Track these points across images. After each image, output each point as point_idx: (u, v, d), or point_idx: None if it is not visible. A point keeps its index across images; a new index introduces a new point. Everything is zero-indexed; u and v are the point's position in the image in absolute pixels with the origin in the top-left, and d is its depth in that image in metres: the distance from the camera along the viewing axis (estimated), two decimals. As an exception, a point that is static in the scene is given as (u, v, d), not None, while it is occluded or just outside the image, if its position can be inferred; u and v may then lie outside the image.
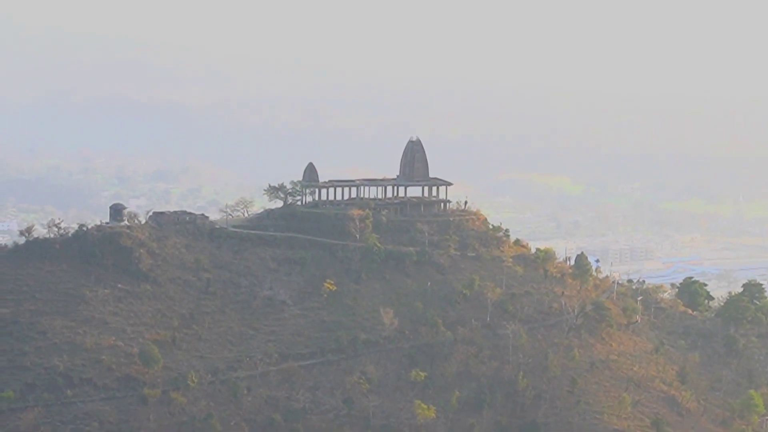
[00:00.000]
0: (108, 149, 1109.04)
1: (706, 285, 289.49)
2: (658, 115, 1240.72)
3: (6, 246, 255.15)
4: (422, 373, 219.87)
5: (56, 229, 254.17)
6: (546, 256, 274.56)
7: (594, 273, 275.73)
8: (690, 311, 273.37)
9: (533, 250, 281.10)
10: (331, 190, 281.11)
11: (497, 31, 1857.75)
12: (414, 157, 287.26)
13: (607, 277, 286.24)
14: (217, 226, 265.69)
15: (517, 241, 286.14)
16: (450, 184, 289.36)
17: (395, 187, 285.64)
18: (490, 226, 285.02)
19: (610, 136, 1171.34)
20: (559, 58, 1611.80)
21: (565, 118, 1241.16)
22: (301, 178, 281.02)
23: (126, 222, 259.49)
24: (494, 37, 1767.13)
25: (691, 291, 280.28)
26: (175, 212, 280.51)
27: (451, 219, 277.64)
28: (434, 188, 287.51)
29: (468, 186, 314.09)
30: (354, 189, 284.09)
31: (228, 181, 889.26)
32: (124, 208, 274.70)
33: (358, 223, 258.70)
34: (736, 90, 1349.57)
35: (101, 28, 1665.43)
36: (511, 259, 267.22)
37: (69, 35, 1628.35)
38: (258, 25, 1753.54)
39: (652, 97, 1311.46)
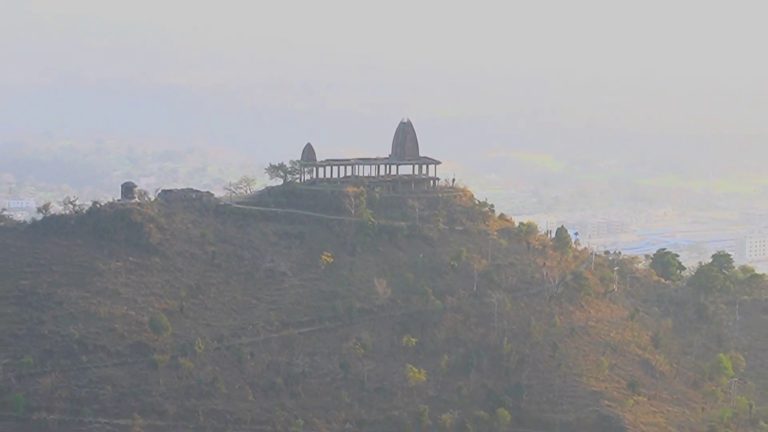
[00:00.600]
0: (119, 131, 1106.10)
1: (677, 256, 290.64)
2: (635, 95, 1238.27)
3: (25, 222, 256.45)
4: (413, 339, 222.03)
5: (71, 206, 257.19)
6: (528, 229, 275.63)
7: (573, 245, 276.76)
8: (663, 280, 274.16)
9: (517, 224, 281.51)
10: (328, 168, 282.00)
11: (486, 15, 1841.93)
12: (405, 138, 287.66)
13: (585, 248, 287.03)
14: (222, 203, 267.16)
15: (501, 216, 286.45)
16: (439, 162, 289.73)
17: (388, 166, 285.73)
18: (477, 202, 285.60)
19: (590, 115, 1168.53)
20: (543, 42, 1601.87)
21: (549, 98, 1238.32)
22: (299, 158, 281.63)
23: (136, 199, 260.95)
24: (483, 20, 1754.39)
25: (664, 261, 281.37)
26: (183, 190, 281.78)
27: (439, 195, 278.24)
28: (424, 166, 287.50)
29: (456, 164, 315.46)
30: (349, 168, 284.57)
31: (231, 161, 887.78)
32: (135, 186, 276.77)
33: (353, 200, 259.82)
34: (710, 71, 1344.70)
35: (111, 15, 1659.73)
36: (496, 233, 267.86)
37: (82, 21, 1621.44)
38: (259, 11, 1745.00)
39: (630, 78, 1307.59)
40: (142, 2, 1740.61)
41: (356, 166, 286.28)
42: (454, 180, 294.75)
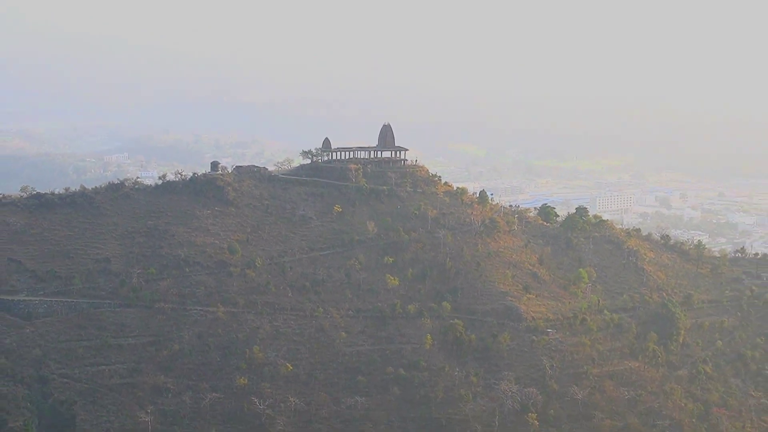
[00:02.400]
0: (210, 129, 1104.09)
1: (554, 208, 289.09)
2: (529, 108, 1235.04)
3: (150, 185, 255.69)
4: (391, 259, 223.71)
5: (180, 176, 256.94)
6: (462, 191, 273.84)
7: (490, 201, 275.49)
8: (545, 223, 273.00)
9: (455, 188, 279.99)
10: (338, 153, 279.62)
11: (437, 56, 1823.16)
12: (386, 134, 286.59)
13: (497, 203, 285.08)
14: (273, 174, 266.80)
15: (445, 183, 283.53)
16: (407, 150, 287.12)
17: (375, 152, 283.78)
18: (430, 174, 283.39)
19: (501, 120, 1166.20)
20: (474, 72, 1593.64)
21: (476, 111, 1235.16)
22: (320, 146, 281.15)
23: (220, 171, 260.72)
24: (434, 59, 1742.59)
25: (546, 212, 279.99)
26: (248, 166, 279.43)
27: (407, 170, 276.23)
28: (398, 152, 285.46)
29: (417, 151, 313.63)
30: (351, 152, 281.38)
31: (279, 148, 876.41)
32: (219, 163, 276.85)
33: (354, 172, 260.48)
34: (574, 92, 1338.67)
35: (203, 52, 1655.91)
36: (442, 193, 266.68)
37: (183, 57, 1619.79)
38: (295, 54, 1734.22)
39: (525, 98, 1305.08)
40: (222, 45, 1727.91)
41: (356, 151, 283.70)
42: (416, 160, 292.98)
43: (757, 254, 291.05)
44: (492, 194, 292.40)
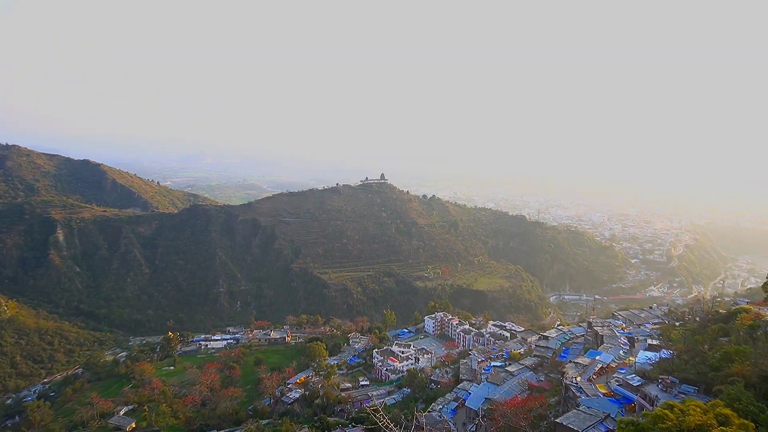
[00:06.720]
0: (333, 175, 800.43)
1: (434, 196, 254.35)
2: (428, 162, 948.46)
3: (320, 190, 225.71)
4: (385, 213, 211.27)
5: (325, 188, 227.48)
6: (405, 193, 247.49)
7: (413, 194, 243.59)
8: (429, 200, 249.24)
9: (402, 191, 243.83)
10: (369, 181, 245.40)
11: (399, 135, 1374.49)
12: (382, 175, 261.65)
13: (414, 195, 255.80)
14: (352, 186, 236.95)
15: (400, 190, 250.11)
16: (387, 179, 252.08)
17: (379, 181, 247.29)
18: (395, 187, 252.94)
19: (418, 170, 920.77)
20: (421, 146, 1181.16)
21: (423, 160, 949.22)
22: (365, 178, 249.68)
23: (337, 186, 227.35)
24: (398, 139, 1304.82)
25: (429, 197, 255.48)
26: (344, 185, 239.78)
27: (389, 186, 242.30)
28: (386, 180, 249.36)
29: (392, 180, 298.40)
30: (373, 181, 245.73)
31: (355, 178, 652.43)
32: (339, 184, 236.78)
33: (374, 185, 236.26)
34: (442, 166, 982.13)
35: (331, 151, 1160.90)
36: (398, 192, 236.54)
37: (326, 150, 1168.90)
38: (353, 144, 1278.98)
39: (418, 171, 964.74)
40: (333, 149, 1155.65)
41: (374, 181, 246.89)
42: (390, 182, 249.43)
43: (474, 208, 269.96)
44: (410, 191, 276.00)
